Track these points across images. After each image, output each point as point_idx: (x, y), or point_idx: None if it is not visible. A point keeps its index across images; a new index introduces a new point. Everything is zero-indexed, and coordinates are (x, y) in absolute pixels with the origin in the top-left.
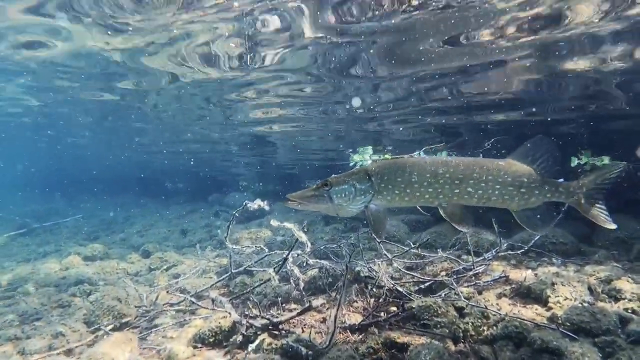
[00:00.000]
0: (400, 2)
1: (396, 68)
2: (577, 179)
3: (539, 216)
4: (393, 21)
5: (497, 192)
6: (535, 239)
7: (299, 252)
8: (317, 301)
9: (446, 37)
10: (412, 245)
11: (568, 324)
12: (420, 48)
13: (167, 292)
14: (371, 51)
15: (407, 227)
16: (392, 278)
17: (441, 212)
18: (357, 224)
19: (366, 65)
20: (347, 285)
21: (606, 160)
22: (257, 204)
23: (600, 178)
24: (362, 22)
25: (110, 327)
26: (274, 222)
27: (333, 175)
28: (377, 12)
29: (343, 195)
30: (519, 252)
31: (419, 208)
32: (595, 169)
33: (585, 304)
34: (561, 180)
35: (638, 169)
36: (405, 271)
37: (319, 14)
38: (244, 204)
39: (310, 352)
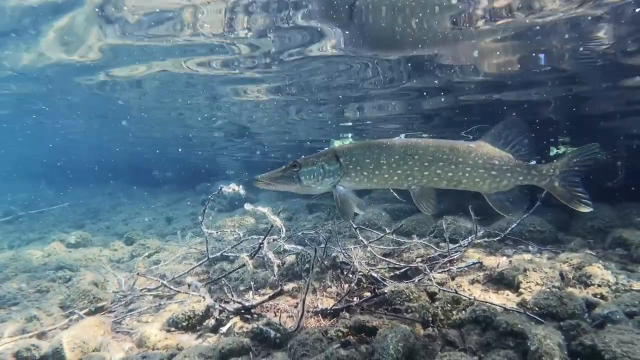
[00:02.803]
0: None
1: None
2: (550, 162)
3: (511, 200)
4: None
5: (467, 175)
6: (513, 226)
7: (275, 237)
8: (288, 286)
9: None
10: (387, 232)
11: (536, 308)
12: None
13: (138, 274)
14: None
15: (389, 216)
16: (368, 264)
17: (411, 194)
18: (338, 212)
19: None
20: (323, 270)
21: None
22: (231, 188)
23: (574, 160)
24: None
25: (85, 311)
26: (248, 206)
27: (302, 156)
28: None
29: (311, 176)
30: (495, 239)
31: (396, 195)
32: (569, 152)
33: (554, 289)
34: (533, 162)
35: (616, 158)
36: (381, 257)
37: None
38: (219, 188)
39: (278, 335)
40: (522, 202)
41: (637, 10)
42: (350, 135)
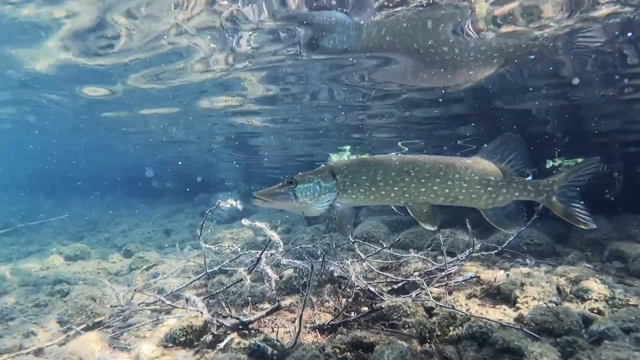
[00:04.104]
0: None
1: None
2: (548, 177)
3: (508, 215)
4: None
5: (464, 191)
6: (510, 239)
7: (273, 251)
8: (286, 301)
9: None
10: (385, 246)
11: (532, 324)
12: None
13: (136, 290)
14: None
15: (387, 228)
16: (366, 278)
17: (409, 211)
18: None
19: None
20: (321, 284)
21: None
22: (229, 203)
23: (572, 175)
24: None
25: (82, 326)
26: (245, 222)
27: (299, 173)
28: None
29: (308, 193)
30: (492, 252)
31: (394, 209)
32: (567, 167)
33: (551, 304)
34: (529, 178)
35: (612, 170)
36: (379, 271)
37: None
38: (217, 203)
39: (275, 352)
40: (518, 218)
41: None
42: (348, 147)
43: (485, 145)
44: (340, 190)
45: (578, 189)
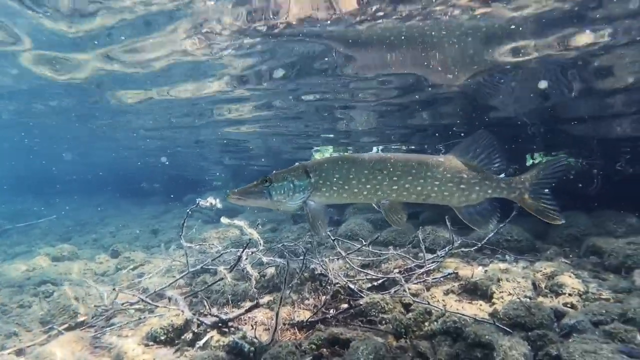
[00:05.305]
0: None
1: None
2: (520, 174)
3: (481, 213)
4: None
5: (436, 189)
6: (490, 236)
7: (254, 250)
8: (264, 299)
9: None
10: (364, 243)
11: (506, 319)
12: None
13: (114, 290)
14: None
15: (372, 226)
16: (347, 276)
17: (381, 209)
18: None
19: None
20: (302, 282)
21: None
22: (209, 202)
23: (543, 172)
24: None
25: (64, 326)
26: (224, 220)
27: (274, 172)
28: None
29: (282, 191)
30: (472, 249)
31: (375, 206)
32: (538, 164)
33: (525, 299)
34: (502, 175)
35: (591, 166)
36: (359, 269)
37: None
38: (197, 202)
39: (252, 349)
40: (492, 215)
41: None
42: (331, 147)
43: (458, 143)
44: (313, 188)
45: (550, 185)
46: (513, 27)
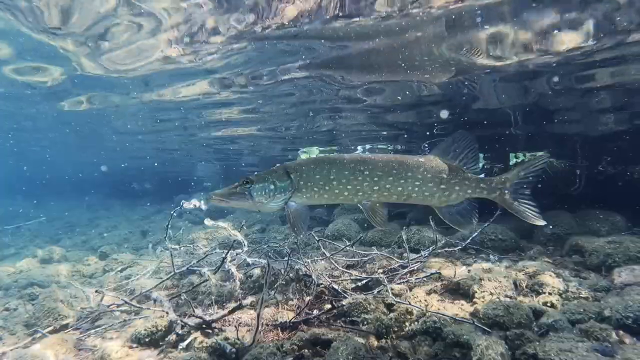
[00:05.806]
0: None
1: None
2: (500, 174)
3: (461, 213)
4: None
5: (417, 189)
6: (474, 235)
7: (238, 251)
8: (247, 300)
9: None
10: (348, 244)
11: (485, 319)
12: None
13: (97, 292)
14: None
15: (359, 226)
16: (331, 276)
17: (362, 209)
18: (311, 223)
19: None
20: (287, 283)
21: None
22: (192, 203)
23: (523, 172)
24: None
25: (49, 329)
26: (208, 222)
27: (255, 173)
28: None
29: (263, 193)
30: (456, 249)
31: (360, 207)
32: (518, 163)
33: (505, 299)
34: (482, 175)
35: (574, 166)
36: (343, 269)
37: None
38: (181, 203)
39: (234, 350)
40: (472, 215)
41: None
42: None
43: (438, 143)
44: (294, 189)
45: (529, 185)
46: None
